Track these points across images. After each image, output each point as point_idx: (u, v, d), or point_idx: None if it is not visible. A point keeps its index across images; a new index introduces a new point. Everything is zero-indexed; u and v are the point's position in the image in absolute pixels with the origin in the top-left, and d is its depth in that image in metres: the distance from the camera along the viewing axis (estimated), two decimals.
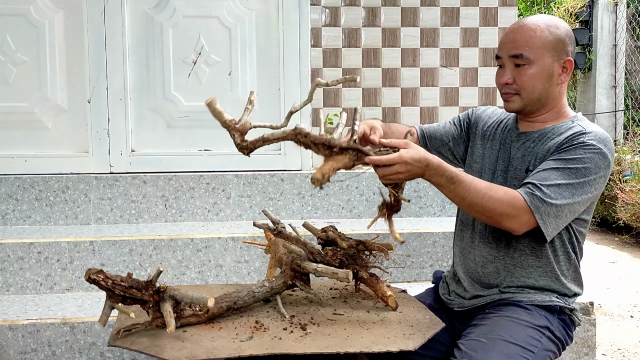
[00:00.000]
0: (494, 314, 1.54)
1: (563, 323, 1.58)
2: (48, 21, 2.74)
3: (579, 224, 1.56)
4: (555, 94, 1.57)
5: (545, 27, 1.55)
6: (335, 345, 1.30)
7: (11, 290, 2.28)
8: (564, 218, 1.48)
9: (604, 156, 1.47)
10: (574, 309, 1.59)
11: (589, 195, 1.48)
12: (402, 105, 2.98)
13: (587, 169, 1.46)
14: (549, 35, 1.54)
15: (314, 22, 2.88)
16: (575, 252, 1.58)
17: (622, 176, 5.01)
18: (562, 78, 1.57)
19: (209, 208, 2.66)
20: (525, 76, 1.55)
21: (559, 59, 1.55)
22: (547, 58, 1.54)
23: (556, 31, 1.55)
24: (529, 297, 1.57)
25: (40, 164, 2.72)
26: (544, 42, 1.54)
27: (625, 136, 5.84)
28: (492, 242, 1.59)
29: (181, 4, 2.78)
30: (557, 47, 1.54)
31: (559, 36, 1.55)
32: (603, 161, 1.47)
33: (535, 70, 1.55)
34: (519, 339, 1.44)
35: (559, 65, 1.55)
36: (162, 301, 1.33)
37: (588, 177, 1.46)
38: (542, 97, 1.56)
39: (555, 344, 1.55)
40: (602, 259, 4.41)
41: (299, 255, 1.57)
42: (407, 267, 2.41)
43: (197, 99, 2.79)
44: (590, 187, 1.47)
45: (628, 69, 5.96)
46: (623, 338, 2.80)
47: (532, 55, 1.54)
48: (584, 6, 5.86)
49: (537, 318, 1.52)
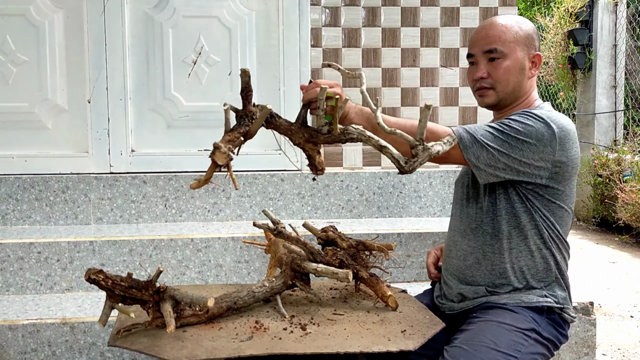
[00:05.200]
0: (480, 318, 1.54)
1: (553, 323, 1.57)
2: (48, 21, 2.74)
3: (553, 213, 1.56)
4: (527, 87, 1.64)
5: (515, 23, 1.64)
6: (335, 345, 1.30)
7: (11, 290, 2.28)
8: (501, 168, 1.51)
9: (548, 126, 1.50)
10: (563, 307, 1.58)
11: (527, 158, 1.49)
12: (402, 105, 2.98)
13: (528, 133, 1.49)
14: (519, 30, 1.63)
15: (314, 22, 2.88)
16: (553, 249, 1.58)
17: (622, 176, 5.01)
18: (532, 72, 1.64)
19: (209, 208, 2.66)
20: (500, 69, 1.62)
21: (528, 53, 1.63)
22: (519, 52, 1.62)
23: (525, 27, 1.64)
24: (514, 298, 1.57)
25: (40, 164, 2.72)
26: (516, 37, 1.62)
27: (625, 136, 5.84)
28: (470, 233, 1.64)
29: (181, 4, 2.78)
30: (527, 42, 1.63)
31: (528, 32, 1.64)
32: (547, 130, 1.50)
33: (509, 63, 1.62)
34: (501, 344, 1.44)
35: (529, 59, 1.63)
36: (162, 301, 1.33)
37: (526, 139, 1.49)
38: (515, 89, 1.63)
39: (544, 345, 1.54)
40: (602, 259, 4.41)
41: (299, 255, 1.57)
42: (407, 267, 2.41)
43: (197, 99, 2.79)
44: (527, 148, 1.49)
45: (628, 69, 5.96)
46: (623, 338, 2.80)
47: (506, 49, 1.61)
48: (584, 6, 5.86)
49: (523, 321, 1.52)
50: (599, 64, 5.81)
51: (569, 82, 6.21)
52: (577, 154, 1.57)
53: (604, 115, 5.84)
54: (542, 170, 1.52)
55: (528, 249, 1.57)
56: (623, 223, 4.85)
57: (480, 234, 1.62)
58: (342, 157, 2.90)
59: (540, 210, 1.56)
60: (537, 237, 1.57)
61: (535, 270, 1.58)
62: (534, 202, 1.55)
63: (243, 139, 1.44)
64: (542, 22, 6.44)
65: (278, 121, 1.51)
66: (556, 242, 1.59)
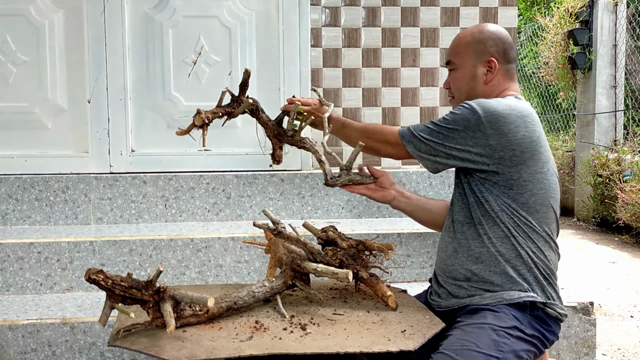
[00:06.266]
0: (463, 322, 1.54)
1: (536, 319, 1.57)
2: (48, 21, 2.74)
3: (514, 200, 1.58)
4: (484, 91, 1.71)
5: (469, 33, 1.75)
6: (335, 345, 1.30)
7: (11, 290, 2.28)
8: (442, 157, 1.62)
9: (473, 111, 1.57)
10: (546, 303, 1.58)
11: (461, 145, 1.59)
12: (402, 105, 2.98)
13: (455, 121, 1.60)
14: (470, 39, 1.73)
15: (314, 22, 2.88)
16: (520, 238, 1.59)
17: (622, 176, 5.01)
18: (489, 77, 1.71)
19: (209, 208, 2.66)
20: (455, 80, 1.76)
21: (481, 59, 1.70)
22: (469, 60, 1.72)
23: (478, 35, 1.72)
24: (495, 297, 1.58)
25: (40, 164, 2.72)
26: (465, 47, 1.73)
27: (625, 136, 5.84)
28: (450, 226, 1.72)
29: (181, 4, 2.78)
30: (478, 49, 1.71)
31: (480, 39, 1.71)
32: (472, 116, 1.57)
33: (459, 73, 1.74)
34: (482, 345, 1.44)
35: (483, 65, 1.71)
36: (162, 301, 1.33)
37: (454, 126, 1.59)
38: (470, 96, 1.71)
39: (529, 342, 1.53)
40: (602, 259, 4.41)
41: (299, 255, 1.57)
42: (407, 267, 2.41)
43: (197, 99, 2.79)
44: (457, 135, 1.59)
45: (628, 69, 5.96)
46: (623, 338, 2.80)
47: (457, 60, 1.74)
48: (584, 6, 5.86)
49: (504, 319, 1.52)
50: (599, 64, 5.81)
51: (569, 82, 6.21)
52: (529, 137, 1.57)
53: (604, 115, 5.84)
54: (482, 156, 1.58)
55: (500, 235, 1.60)
56: (623, 223, 4.85)
57: (457, 224, 1.68)
58: (342, 157, 2.89)
59: (500, 198, 1.59)
60: (505, 224, 1.59)
61: (508, 256, 1.59)
62: (492, 190, 1.60)
63: (227, 116, 1.90)
64: (542, 22, 6.44)
65: (260, 114, 1.93)
66: (525, 230, 1.59)
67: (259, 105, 1.97)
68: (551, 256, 1.63)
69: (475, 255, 1.62)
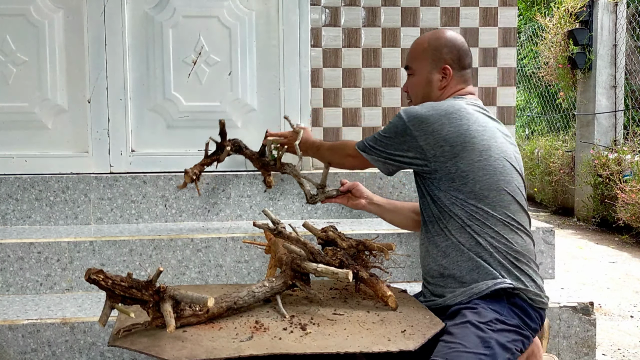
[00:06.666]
0: (447, 326, 1.55)
1: (515, 307, 1.58)
2: (48, 21, 2.74)
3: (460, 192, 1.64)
4: (438, 97, 1.79)
5: (426, 39, 1.83)
6: (335, 345, 1.30)
7: (11, 290, 2.28)
8: (390, 162, 1.77)
9: (400, 118, 1.71)
10: (518, 287, 1.59)
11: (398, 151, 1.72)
12: (402, 105, 2.98)
13: (389, 129, 1.75)
14: (427, 46, 1.81)
15: (314, 22, 2.88)
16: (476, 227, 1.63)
17: (622, 176, 5.01)
18: (443, 83, 1.79)
19: (209, 208, 2.66)
20: (412, 85, 1.86)
21: (436, 66, 1.79)
22: (425, 66, 1.80)
23: (434, 42, 1.80)
24: (466, 293, 1.60)
25: (40, 164, 2.72)
26: (422, 53, 1.81)
27: (625, 136, 5.84)
28: (422, 227, 1.81)
29: (181, 4, 2.78)
30: (434, 56, 1.79)
31: (436, 46, 1.79)
32: (399, 122, 1.70)
33: (416, 79, 1.83)
34: (470, 345, 1.45)
35: (439, 72, 1.79)
36: (162, 301, 1.33)
37: (388, 135, 1.74)
38: (424, 101, 1.81)
39: (514, 332, 1.55)
40: (602, 259, 4.41)
41: (299, 255, 1.57)
42: (407, 267, 2.41)
43: (197, 99, 2.79)
44: (392, 143, 1.73)
45: (628, 69, 5.95)
46: (623, 338, 2.80)
47: (415, 65, 1.83)
48: (584, 6, 5.86)
49: (483, 314, 1.54)
50: (599, 64, 5.81)
51: (569, 82, 6.21)
52: (455, 132, 1.64)
53: (604, 115, 5.84)
54: (417, 158, 1.69)
55: (457, 227, 1.66)
56: (623, 223, 4.85)
57: (424, 224, 1.77)
58: None
59: (448, 192, 1.66)
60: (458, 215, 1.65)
61: (469, 245, 1.63)
62: (440, 186, 1.67)
63: (216, 163, 2.40)
64: (542, 22, 6.44)
65: (244, 151, 2.40)
66: (479, 218, 1.63)
67: (241, 144, 2.38)
68: (515, 239, 1.65)
69: (442, 249, 1.69)
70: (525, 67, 8.41)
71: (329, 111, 2.88)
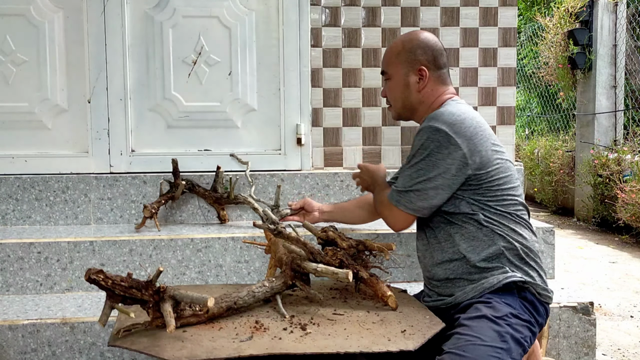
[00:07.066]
0: (461, 319, 1.55)
1: (526, 301, 1.58)
2: (48, 21, 2.74)
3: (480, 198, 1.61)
4: (419, 99, 1.76)
5: (400, 42, 1.79)
6: (335, 345, 1.30)
7: (11, 290, 2.28)
8: (434, 196, 1.62)
9: (437, 130, 1.59)
10: (526, 281, 1.59)
11: (442, 168, 1.59)
12: None
13: (424, 146, 1.61)
14: (401, 49, 1.78)
15: (314, 22, 2.88)
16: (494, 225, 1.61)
17: (622, 176, 5.01)
18: (421, 85, 1.75)
19: (209, 208, 2.66)
20: (389, 89, 1.82)
21: (412, 68, 1.76)
22: (401, 70, 1.77)
23: (408, 44, 1.77)
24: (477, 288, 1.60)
25: (40, 164, 2.72)
26: (397, 57, 1.78)
27: (625, 136, 5.84)
28: (419, 233, 1.79)
29: (181, 4, 2.78)
30: (409, 59, 1.76)
31: (410, 48, 1.76)
32: (437, 134, 1.59)
33: (393, 83, 1.80)
34: (487, 339, 1.45)
35: (415, 74, 1.75)
36: (162, 301, 1.33)
37: (427, 152, 1.60)
38: (405, 104, 1.78)
39: (527, 327, 1.55)
40: (602, 259, 4.41)
41: (299, 255, 1.57)
42: (407, 267, 2.41)
43: (197, 99, 2.79)
44: (435, 159, 1.59)
45: (628, 69, 5.95)
46: (623, 338, 2.80)
47: (390, 70, 1.80)
48: (584, 6, 5.86)
49: (498, 308, 1.54)
50: (599, 64, 5.81)
51: (569, 82, 6.20)
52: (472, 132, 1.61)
53: (604, 115, 5.84)
54: (461, 169, 1.59)
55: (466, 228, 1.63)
56: (623, 223, 4.85)
57: (424, 231, 1.75)
58: (342, 157, 2.90)
59: (472, 197, 1.62)
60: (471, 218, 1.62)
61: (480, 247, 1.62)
62: (463, 194, 1.62)
63: (171, 200, 2.53)
64: (542, 22, 6.44)
65: (197, 189, 2.56)
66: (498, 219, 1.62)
67: (193, 182, 2.55)
68: (525, 233, 1.66)
69: (449, 256, 1.66)
70: (525, 67, 8.41)
71: (329, 111, 2.88)
